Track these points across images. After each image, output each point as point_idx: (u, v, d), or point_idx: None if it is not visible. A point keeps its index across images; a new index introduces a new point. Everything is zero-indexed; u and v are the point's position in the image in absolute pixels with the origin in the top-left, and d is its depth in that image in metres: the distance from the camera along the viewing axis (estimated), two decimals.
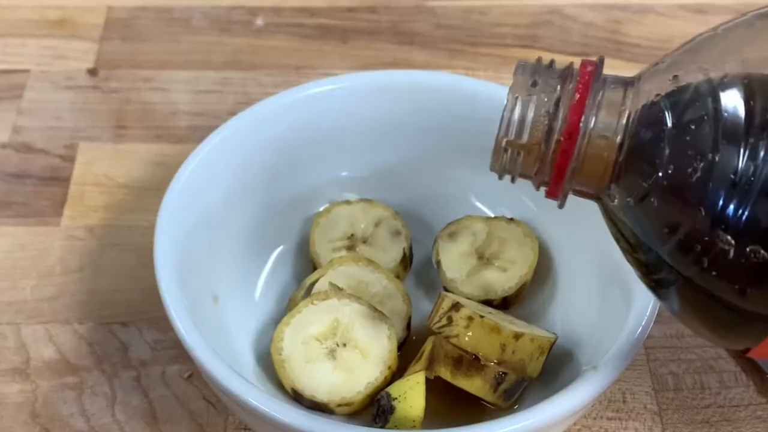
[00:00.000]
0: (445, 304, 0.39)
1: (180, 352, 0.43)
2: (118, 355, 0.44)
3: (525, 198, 0.45)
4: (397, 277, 0.43)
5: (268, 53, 0.58)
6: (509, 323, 0.39)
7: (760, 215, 0.27)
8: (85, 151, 0.53)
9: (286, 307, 0.43)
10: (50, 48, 0.58)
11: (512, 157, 0.31)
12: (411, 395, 0.37)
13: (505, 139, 0.31)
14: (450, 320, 0.38)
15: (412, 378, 0.38)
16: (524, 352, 0.38)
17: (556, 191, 0.32)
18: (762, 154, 0.27)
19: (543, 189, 0.32)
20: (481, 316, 0.38)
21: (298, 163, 0.45)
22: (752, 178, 0.27)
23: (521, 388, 0.38)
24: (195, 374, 0.43)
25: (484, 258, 0.43)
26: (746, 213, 0.27)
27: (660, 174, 0.29)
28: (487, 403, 0.38)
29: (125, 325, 0.45)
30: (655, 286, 0.31)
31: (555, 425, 0.34)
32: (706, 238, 0.28)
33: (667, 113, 0.29)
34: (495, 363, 0.38)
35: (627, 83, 0.31)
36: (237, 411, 0.37)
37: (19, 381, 0.43)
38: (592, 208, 0.41)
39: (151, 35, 0.59)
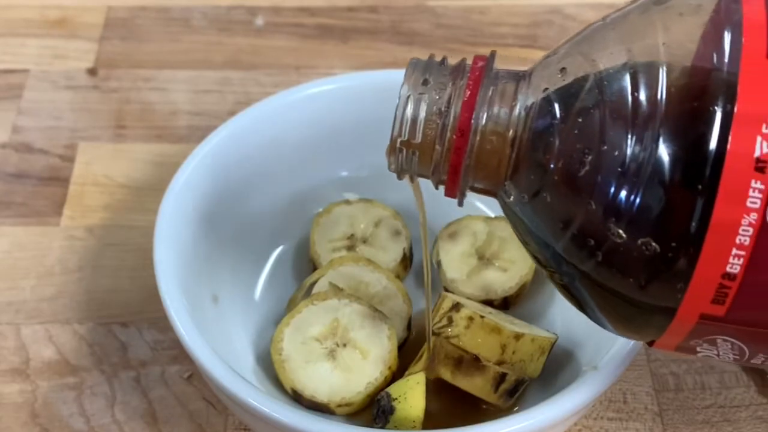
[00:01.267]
0: (446, 305, 0.39)
1: (180, 353, 0.43)
2: (117, 355, 0.44)
3: None
4: (397, 277, 0.43)
5: (267, 53, 0.58)
6: (509, 323, 0.39)
7: (649, 208, 0.27)
8: (84, 151, 0.52)
9: (286, 307, 0.43)
10: (50, 48, 0.58)
11: (408, 157, 0.31)
12: (411, 395, 0.37)
13: (399, 139, 0.31)
14: (450, 320, 0.38)
15: (412, 378, 0.38)
16: (524, 352, 0.38)
17: (453, 189, 0.31)
18: (648, 146, 0.26)
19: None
20: (482, 317, 0.38)
21: (298, 163, 0.45)
22: (639, 171, 0.26)
23: (521, 389, 0.38)
24: (195, 374, 0.43)
25: (484, 258, 0.43)
26: (636, 206, 0.27)
27: (551, 168, 0.28)
28: (488, 403, 0.38)
29: (125, 326, 0.45)
30: (559, 283, 0.31)
31: (555, 426, 0.34)
32: (598, 232, 0.27)
33: (556, 107, 0.29)
34: (495, 363, 0.38)
35: (519, 78, 0.30)
36: (237, 411, 0.37)
37: (18, 381, 0.43)
38: None
39: (151, 35, 0.59)
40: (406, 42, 0.58)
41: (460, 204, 0.32)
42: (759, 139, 0.25)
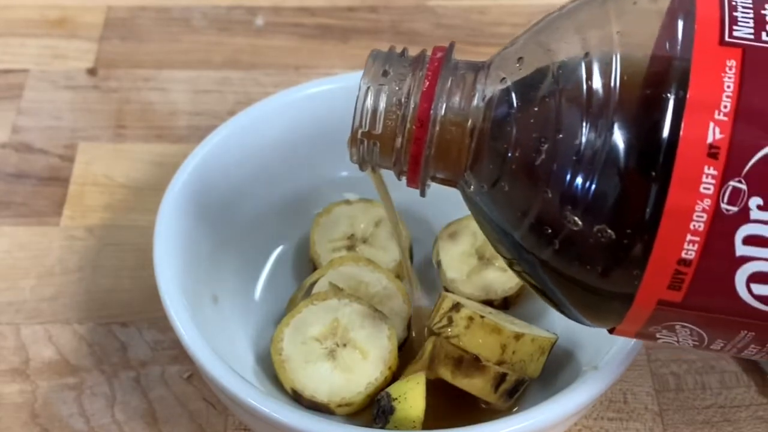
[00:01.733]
0: (446, 305, 0.39)
1: (180, 353, 0.43)
2: (117, 355, 0.44)
3: None
4: (397, 277, 0.43)
5: (267, 53, 0.58)
6: (510, 323, 0.39)
7: (604, 195, 0.27)
8: (84, 151, 0.52)
9: (286, 307, 0.43)
10: (50, 48, 0.58)
11: (369, 148, 0.31)
12: (411, 396, 0.37)
13: (360, 131, 0.31)
14: (450, 320, 0.38)
15: (412, 378, 0.37)
16: (525, 352, 0.38)
17: (414, 180, 0.31)
18: (602, 134, 0.27)
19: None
20: (482, 317, 0.38)
21: (298, 163, 0.45)
22: (594, 159, 0.27)
23: (521, 389, 0.38)
24: (195, 374, 0.43)
25: (484, 258, 0.43)
26: (591, 193, 0.27)
27: (508, 157, 0.29)
28: (488, 403, 0.38)
29: (125, 326, 0.45)
30: (520, 272, 0.31)
31: (555, 426, 0.34)
32: (555, 221, 0.28)
33: (513, 96, 0.29)
34: (495, 363, 0.38)
35: (478, 68, 0.31)
36: (236, 411, 0.37)
37: (18, 381, 0.43)
38: None
39: (151, 35, 0.59)
40: (406, 42, 0.58)
41: (422, 194, 0.32)
42: (712, 125, 0.25)
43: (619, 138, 0.26)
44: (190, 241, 0.40)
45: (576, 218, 0.27)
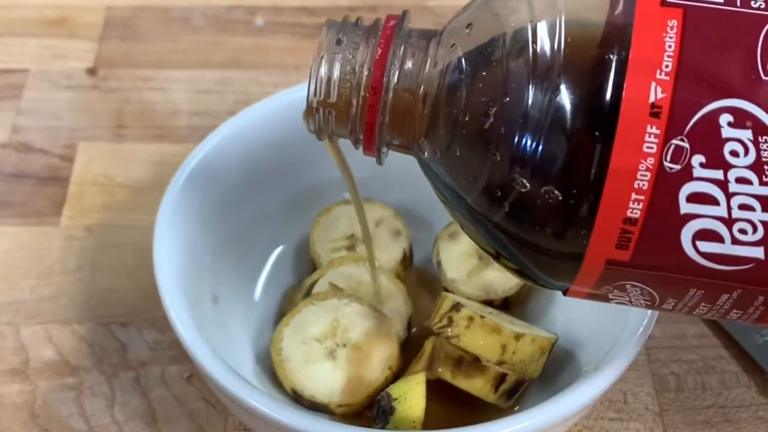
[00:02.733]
0: (446, 305, 0.39)
1: (179, 353, 0.43)
2: (117, 355, 0.44)
3: None
4: (397, 277, 0.43)
5: (267, 53, 0.58)
6: (510, 324, 0.39)
7: (550, 156, 0.27)
8: (84, 151, 0.52)
9: (287, 307, 0.43)
10: (49, 47, 0.58)
11: (325, 117, 0.32)
12: (411, 396, 0.37)
13: (315, 100, 0.31)
14: (450, 321, 0.38)
15: (412, 378, 0.37)
16: (525, 352, 0.38)
17: (370, 147, 0.32)
18: (548, 95, 0.27)
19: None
20: (482, 317, 0.38)
21: (298, 163, 0.45)
22: (540, 120, 0.27)
23: (522, 389, 0.38)
24: (194, 374, 0.43)
25: (484, 258, 0.43)
26: (537, 154, 0.27)
27: (459, 122, 0.29)
28: (488, 403, 0.38)
29: (125, 326, 0.45)
30: (475, 236, 0.32)
31: (555, 426, 0.34)
32: (504, 183, 0.28)
33: (462, 62, 0.29)
34: (495, 363, 0.38)
35: (431, 36, 0.31)
36: (236, 411, 0.37)
37: (18, 381, 0.43)
38: None
39: (151, 35, 0.59)
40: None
41: (379, 162, 0.33)
42: (653, 84, 0.26)
43: (564, 99, 0.27)
44: (190, 241, 0.40)
45: (524, 180, 0.28)
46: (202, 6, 0.61)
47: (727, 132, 0.26)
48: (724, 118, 0.26)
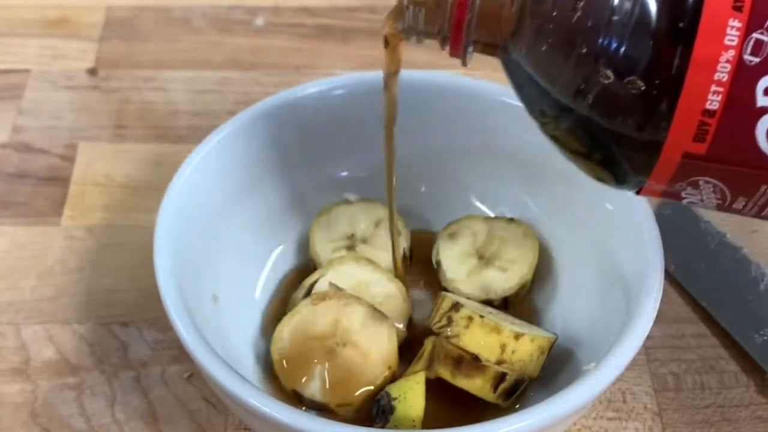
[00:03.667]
0: (445, 304, 0.39)
1: (180, 352, 0.43)
2: (117, 355, 0.44)
3: (525, 198, 0.45)
4: (397, 276, 0.43)
5: (268, 53, 0.58)
6: (509, 323, 0.39)
7: (635, 48, 0.28)
8: (84, 151, 0.52)
9: (287, 307, 0.43)
10: (50, 48, 0.58)
11: (415, 14, 0.33)
12: (411, 395, 0.37)
13: None
14: (450, 320, 0.38)
15: (412, 378, 0.38)
16: (524, 352, 0.38)
17: (457, 46, 0.33)
18: None
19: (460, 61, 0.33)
20: (481, 316, 0.38)
21: (298, 163, 0.45)
22: (627, 13, 0.28)
23: (521, 388, 0.38)
24: (195, 374, 0.43)
25: (484, 258, 0.43)
26: (623, 47, 0.28)
27: (547, 17, 0.30)
28: (487, 403, 0.38)
29: (125, 326, 0.45)
30: (554, 133, 0.32)
31: (555, 425, 0.34)
32: (590, 74, 0.29)
33: None
34: (495, 363, 0.38)
35: None
36: (237, 411, 0.37)
37: (18, 381, 0.43)
38: (593, 208, 0.41)
39: (151, 35, 0.59)
40: (406, 41, 0.58)
41: (464, 63, 0.33)
42: None
43: None
44: (191, 241, 0.40)
45: (609, 71, 0.28)
46: (202, 6, 0.61)
47: None
48: None
